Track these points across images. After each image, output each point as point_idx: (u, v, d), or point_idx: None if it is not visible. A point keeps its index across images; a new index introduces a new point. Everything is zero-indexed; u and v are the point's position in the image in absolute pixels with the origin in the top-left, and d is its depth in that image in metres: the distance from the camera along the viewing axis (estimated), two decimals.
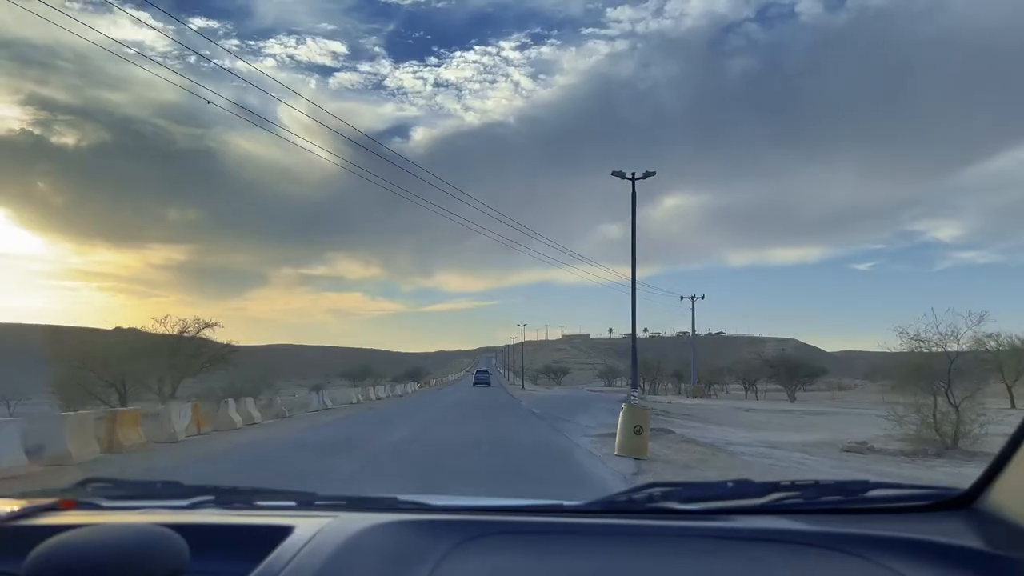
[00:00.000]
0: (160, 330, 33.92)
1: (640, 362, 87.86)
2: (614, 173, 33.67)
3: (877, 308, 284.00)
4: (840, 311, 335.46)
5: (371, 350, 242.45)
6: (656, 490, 1.58)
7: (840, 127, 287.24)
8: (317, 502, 1.63)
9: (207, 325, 35.12)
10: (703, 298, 59.05)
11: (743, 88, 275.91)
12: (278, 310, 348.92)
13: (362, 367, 64.24)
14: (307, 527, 1.33)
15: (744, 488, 1.57)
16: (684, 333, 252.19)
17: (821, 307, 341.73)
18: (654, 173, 33.89)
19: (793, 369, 59.89)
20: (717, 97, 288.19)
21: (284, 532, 1.31)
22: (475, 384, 69.96)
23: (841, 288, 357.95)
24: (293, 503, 1.62)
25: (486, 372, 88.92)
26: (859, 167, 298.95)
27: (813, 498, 1.55)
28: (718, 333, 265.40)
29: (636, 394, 30.94)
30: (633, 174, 33.48)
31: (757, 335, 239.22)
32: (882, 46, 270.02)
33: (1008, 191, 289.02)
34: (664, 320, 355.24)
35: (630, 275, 34.08)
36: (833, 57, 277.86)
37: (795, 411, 39.94)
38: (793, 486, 1.58)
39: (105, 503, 1.63)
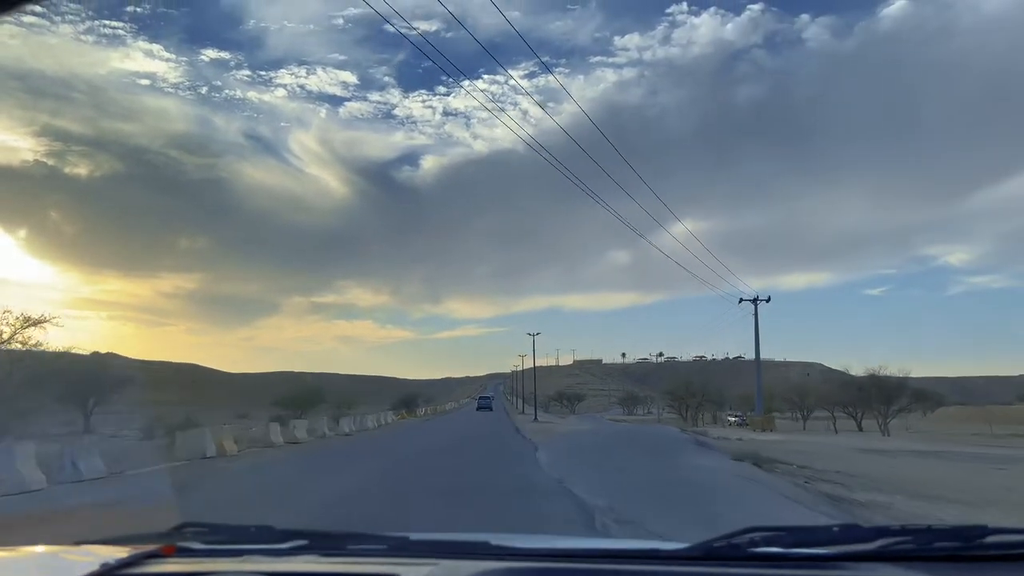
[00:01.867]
0: None
1: (671, 389, 73.23)
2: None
3: (892, 333, 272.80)
4: (857, 336, 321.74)
5: (377, 376, 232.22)
6: (758, 535, 1.47)
7: (850, 152, 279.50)
8: (411, 547, 1.61)
9: (33, 323, 21.10)
10: (768, 300, 44.81)
11: (751, 114, 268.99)
12: (288, 338, 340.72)
13: (309, 392, 46.44)
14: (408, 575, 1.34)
15: (852, 533, 1.48)
16: (701, 357, 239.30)
17: (838, 332, 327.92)
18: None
19: (890, 393, 44.87)
20: (725, 123, 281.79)
21: None
22: (478, 409, 67.97)
23: (855, 313, 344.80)
24: (386, 547, 1.61)
25: (488, 398, 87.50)
26: (869, 192, 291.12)
27: (926, 544, 1.41)
28: (736, 358, 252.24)
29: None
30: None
31: (780, 359, 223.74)
32: (891, 71, 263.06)
33: (1017, 216, 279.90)
34: (677, 344, 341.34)
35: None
36: (842, 82, 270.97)
37: (956, 454, 25.76)
38: (904, 531, 1.47)
39: (202, 547, 1.64)
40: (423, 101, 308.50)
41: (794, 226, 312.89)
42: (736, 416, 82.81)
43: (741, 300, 45.82)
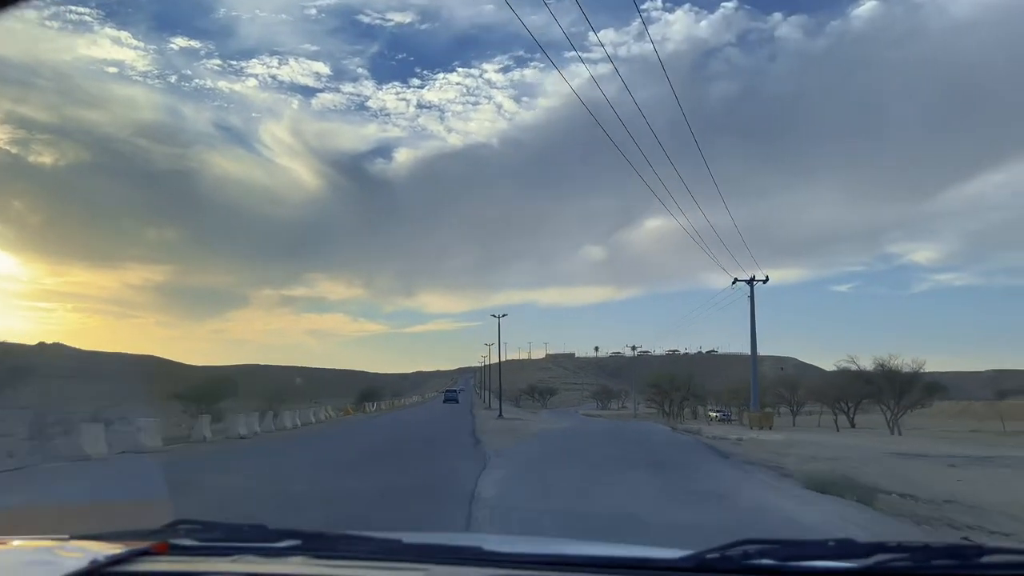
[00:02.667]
0: None
1: (653, 381, 67.42)
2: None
3: (859, 329, 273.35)
4: (827, 331, 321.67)
5: (346, 370, 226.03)
6: (752, 547, 1.44)
7: (821, 150, 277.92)
8: (403, 550, 1.59)
9: None
10: (766, 281, 39.23)
11: (724, 111, 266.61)
12: (258, 331, 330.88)
13: (221, 384, 37.50)
14: None
15: (847, 548, 1.44)
16: (674, 351, 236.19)
17: (808, 327, 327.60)
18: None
19: (904, 386, 39.45)
20: (698, 120, 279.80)
21: None
22: (444, 401, 67.65)
23: (824, 309, 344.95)
24: (378, 550, 1.60)
25: (455, 391, 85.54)
26: (839, 190, 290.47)
27: (923, 562, 1.38)
28: (710, 352, 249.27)
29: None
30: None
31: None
32: (862, 70, 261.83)
33: (983, 215, 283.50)
34: (650, 339, 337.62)
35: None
36: (813, 81, 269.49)
37: (1014, 460, 20.44)
38: (901, 547, 1.43)
39: (195, 546, 1.63)
40: (397, 93, 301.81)
41: (765, 223, 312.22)
42: (719, 411, 77.68)
43: (735, 281, 40.21)
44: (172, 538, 1.65)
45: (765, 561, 1.39)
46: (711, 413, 77.93)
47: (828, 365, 66.09)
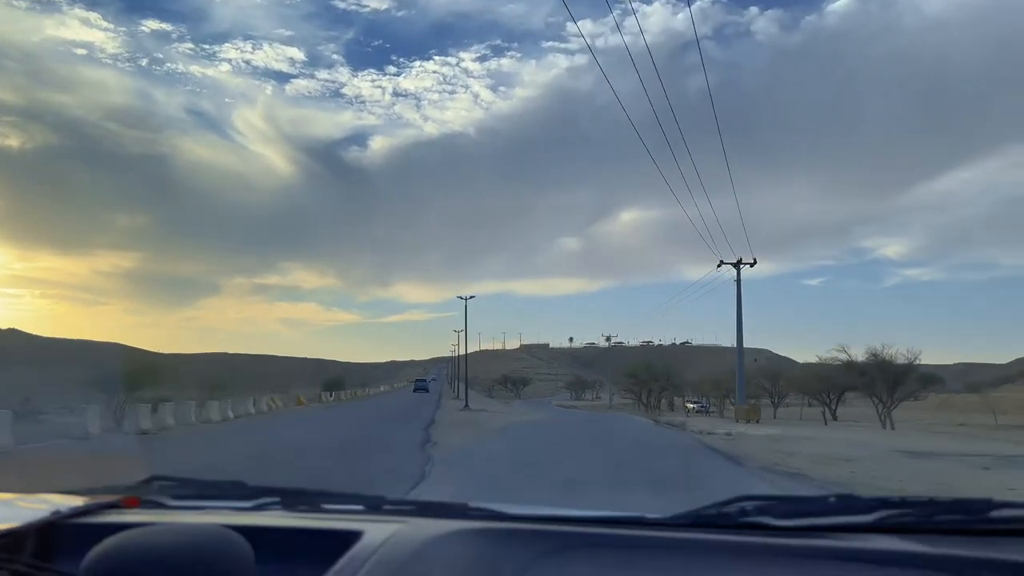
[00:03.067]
0: None
1: (631, 371, 64.32)
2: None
3: (829, 322, 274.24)
4: (797, 324, 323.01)
5: (319, 360, 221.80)
6: (749, 504, 1.39)
7: (794, 145, 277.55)
8: (385, 506, 1.54)
9: None
10: (753, 264, 36.20)
11: (700, 105, 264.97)
12: (230, 320, 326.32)
13: (141, 370, 32.08)
14: (376, 532, 1.25)
15: (849, 504, 1.39)
16: (648, 342, 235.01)
17: (779, 320, 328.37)
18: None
19: (898, 377, 36.69)
20: (674, 114, 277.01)
21: (352, 537, 1.23)
22: (415, 391, 65.65)
23: (795, 302, 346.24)
24: (360, 507, 1.52)
25: (425, 380, 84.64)
26: (812, 184, 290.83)
27: (928, 517, 1.32)
28: (684, 343, 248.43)
29: None
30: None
31: (727, 345, 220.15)
32: (836, 66, 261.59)
33: (951, 211, 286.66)
34: (624, 330, 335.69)
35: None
36: (788, 76, 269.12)
37: None
38: (904, 503, 1.38)
39: (169, 502, 1.56)
40: (372, 80, 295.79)
41: (738, 216, 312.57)
42: (696, 403, 75.04)
43: (721, 264, 37.11)
44: (145, 494, 1.57)
45: (763, 518, 1.31)
46: (689, 404, 75.32)
47: (801, 357, 65.29)
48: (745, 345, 38.31)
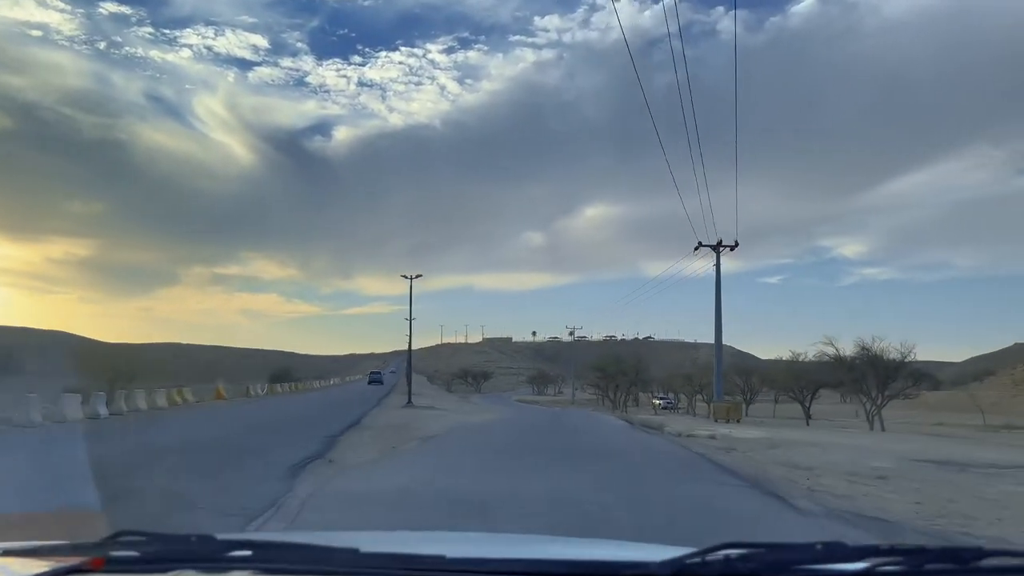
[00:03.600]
0: None
1: (599, 364, 59.96)
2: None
3: (787, 319, 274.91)
4: (757, 321, 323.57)
5: (277, 351, 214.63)
6: (734, 551, 1.32)
7: (756, 144, 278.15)
8: (361, 561, 1.43)
9: None
10: (735, 247, 31.94)
11: (664, 103, 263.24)
12: (189, 310, 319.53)
13: None
14: None
15: (836, 551, 1.33)
16: (611, 337, 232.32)
17: (739, 317, 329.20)
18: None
19: (888, 372, 32.64)
20: (638, 110, 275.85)
21: None
22: (369, 383, 64.70)
23: (753, 299, 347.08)
24: (334, 566, 1.42)
25: (379, 372, 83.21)
26: (772, 183, 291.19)
27: (917, 566, 1.29)
28: (647, 338, 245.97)
29: None
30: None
31: (689, 340, 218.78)
32: (798, 68, 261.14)
33: (906, 212, 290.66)
34: (589, 323, 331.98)
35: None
36: (752, 76, 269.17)
37: None
38: (893, 550, 1.34)
39: (135, 559, 1.46)
40: (337, 70, 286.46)
41: (702, 214, 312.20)
42: (663, 398, 71.21)
43: (699, 246, 32.78)
44: (112, 551, 1.46)
45: (749, 566, 1.29)
46: (655, 400, 71.50)
47: (763, 353, 63.09)
48: (707, 340, 34.32)
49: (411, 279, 45.19)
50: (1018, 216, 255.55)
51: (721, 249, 32.60)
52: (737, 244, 32.06)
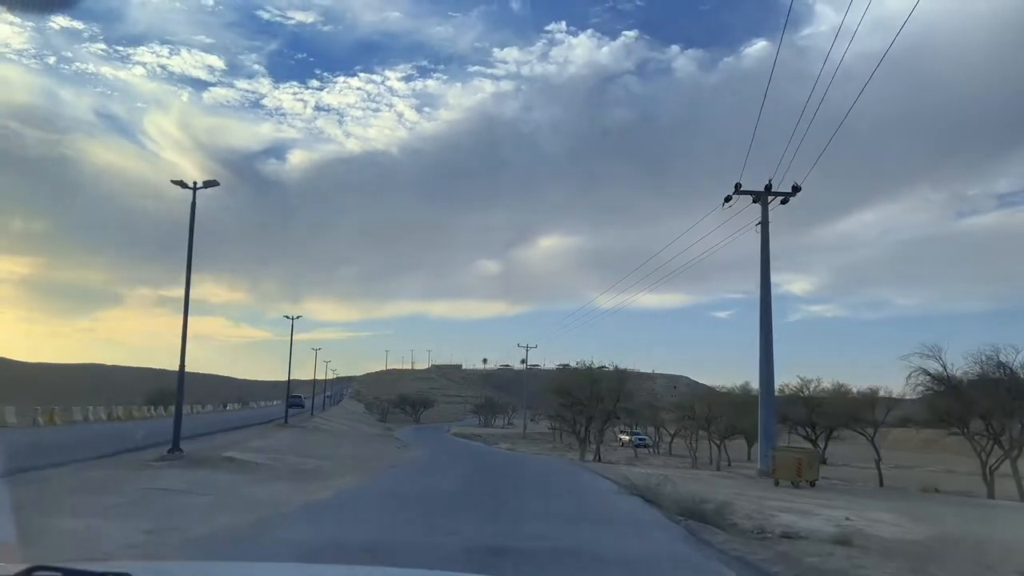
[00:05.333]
0: None
1: (563, 387, 42.81)
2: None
3: (736, 353, 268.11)
4: (708, 354, 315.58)
5: (216, 376, 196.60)
6: None
7: (706, 181, 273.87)
8: None
9: None
10: (794, 192, 19.20)
11: (619, 137, 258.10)
12: (132, 332, 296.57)
13: None
14: None
15: None
16: (565, 365, 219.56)
17: (692, 349, 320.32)
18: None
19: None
20: (594, 144, 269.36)
21: None
22: (289, 407, 60.78)
23: (704, 333, 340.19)
24: None
25: (299, 397, 77.59)
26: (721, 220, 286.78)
27: None
28: (601, 367, 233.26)
29: None
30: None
31: (645, 371, 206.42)
32: (751, 107, 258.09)
33: (852, 251, 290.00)
34: (542, 352, 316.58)
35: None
36: (704, 114, 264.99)
37: None
38: None
39: None
40: (294, 93, 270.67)
41: (652, 247, 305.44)
42: (632, 434, 57.69)
43: (738, 190, 19.81)
44: None
45: None
46: (623, 436, 57.91)
47: (715, 384, 52.62)
48: (659, 371, 22.17)
49: (292, 319, 32.80)
50: (956, 256, 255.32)
51: (770, 199, 19.64)
52: (798, 189, 19.29)
